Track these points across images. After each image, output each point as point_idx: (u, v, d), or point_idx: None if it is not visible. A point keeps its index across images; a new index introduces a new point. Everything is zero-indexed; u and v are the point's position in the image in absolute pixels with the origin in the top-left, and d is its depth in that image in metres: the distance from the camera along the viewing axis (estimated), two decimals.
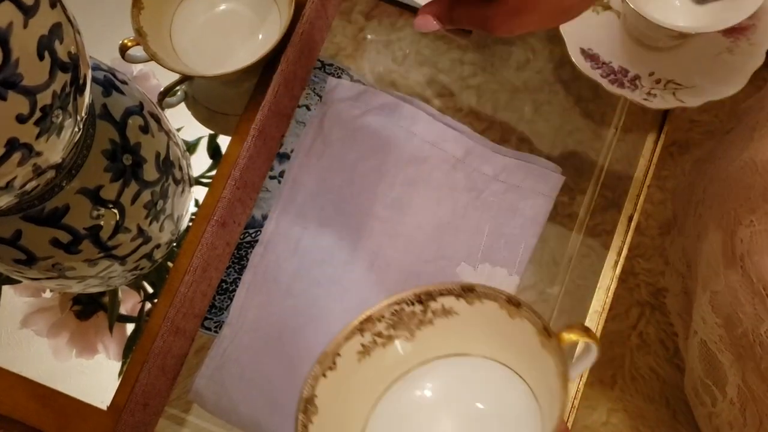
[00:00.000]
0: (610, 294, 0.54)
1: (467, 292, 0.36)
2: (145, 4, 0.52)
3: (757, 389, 0.45)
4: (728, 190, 0.48)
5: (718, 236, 0.48)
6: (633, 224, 0.56)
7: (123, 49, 0.52)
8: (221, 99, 0.60)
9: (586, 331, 0.33)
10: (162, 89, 0.56)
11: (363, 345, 0.36)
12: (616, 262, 0.55)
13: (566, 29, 0.60)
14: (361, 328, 0.36)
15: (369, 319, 0.36)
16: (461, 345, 0.38)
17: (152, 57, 0.51)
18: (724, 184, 0.49)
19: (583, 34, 0.61)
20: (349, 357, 0.36)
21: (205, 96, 0.60)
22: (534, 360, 0.34)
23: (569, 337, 0.33)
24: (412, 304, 0.36)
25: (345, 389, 0.36)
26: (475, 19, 0.39)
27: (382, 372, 0.37)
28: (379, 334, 0.36)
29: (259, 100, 0.51)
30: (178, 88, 0.57)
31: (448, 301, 0.36)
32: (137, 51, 0.53)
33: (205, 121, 0.60)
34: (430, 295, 0.36)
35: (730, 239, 0.46)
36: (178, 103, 0.59)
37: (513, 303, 0.35)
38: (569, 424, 0.52)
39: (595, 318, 0.54)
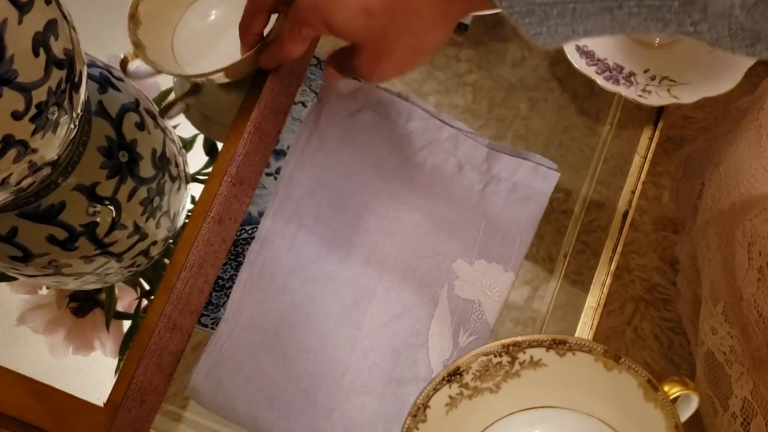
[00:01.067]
0: (605, 290, 0.55)
1: (558, 344, 0.35)
2: (142, 18, 0.51)
3: None
4: (740, 199, 0.48)
5: (731, 247, 0.48)
6: (628, 220, 0.57)
7: (123, 65, 0.52)
8: (223, 109, 0.60)
9: (686, 383, 0.34)
10: (162, 106, 0.56)
11: (451, 397, 0.36)
12: (611, 258, 0.55)
13: None
14: (448, 379, 0.36)
15: (456, 370, 0.36)
16: (549, 397, 0.37)
17: (153, 66, 0.50)
18: (735, 193, 0.49)
19: None
20: (438, 409, 0.36)
21: (207, 107, 0.60)
22: (633, 413, 0.33)
23: (671, 390, 0.33)
24: (500, 355, 0.36)
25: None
26: (352, 69, 0.43)
27: (470, 425, 0.37)
28: (466, 386, 0.36)
29: (256, 97, 0.51)
30: (177, 103, 0.57)
31: (537, 353, 0.35)
32: (138, 64, 0.52)
33: (206, 130, 0.60)
34: (519, 347, 0.36)
35: (748, 251, 0.45)
36: (177, 114, 0.59)
37: (610, 356, 0.34)
38: None
39: (590, 314, 0.54)
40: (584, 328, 0.53)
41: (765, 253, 0.44)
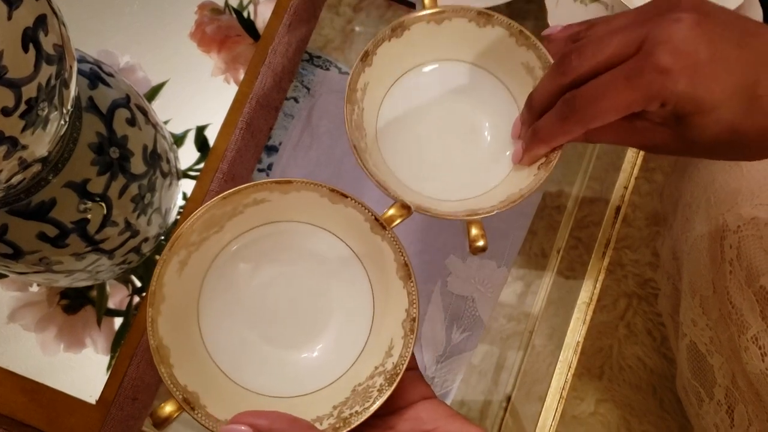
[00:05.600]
0: (598, 285, 0.55)
1: (283, 184, 0.36)
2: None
3: (747, 392, 0.45)
4: (715, 195, 0.49)
5: (706, 241, 0.48)
6: (620, 216, 0.57)
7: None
8: None
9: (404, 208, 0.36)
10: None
11: (180, 261, 0.36)
12: (604, 254, 0.56)
13: (555, 21, 0.60)
14: (176, 251, 0.36)
15: (183, 240, 0.36)
16: (273, 217, 0.38)
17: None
18: (710, 189, 0.50)
19: None
20: (171, 279, 0.36)
21: None
22: (361, 237, 0.36)
23: (392, 217, 0.36)
24: (223, 207, 0.36)
25: (177, 307, 0.36)
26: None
27: (200, 265, 0.37)
28: (192, 243, 0.36)
29: (247, 93, 0.51)
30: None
31: (261, 195, 0.37)
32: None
33: None
34: (241, 194, 0.36)
35: (720, 245, 0.46)
36: None
37: (337, 192, 0.36)
38: (557, 415, 0.53)
39: (583, 309, 0.54)
40: (577, 324, 0.53)
41: (735, 246, 0.45)
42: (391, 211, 0.36)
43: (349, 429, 0.32)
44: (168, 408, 0.33)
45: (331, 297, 0.37)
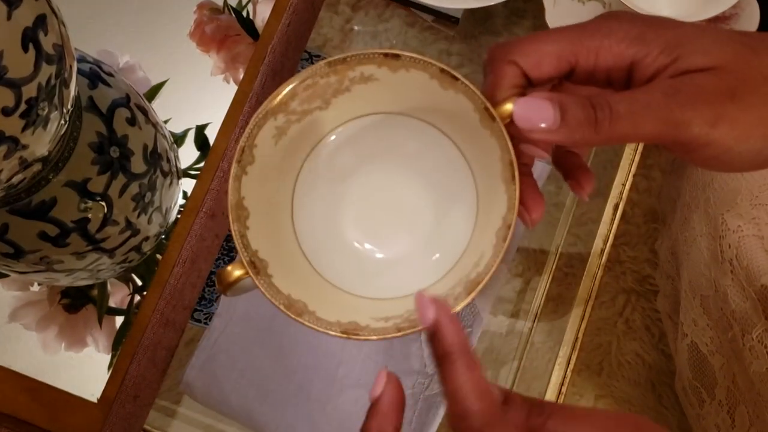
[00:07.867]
0: (597, 282, 0.55)
1: (390, 58, 0.32)
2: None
3: (748, 392, 0.46)
4: (714, 195, 0.49)
5: (706, 241, 0.49)
6: (619, 213, 0.57)
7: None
8: None
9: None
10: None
11: (277, 128, 0.33)
12: (602, 251, 0.56)
13: (552, 20, 0.60)
14: (273, 114, 0.33)
15: (281, 102, 0.33)
16: (382, 105, 0.34)
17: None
18: (709, 189, 0.50)
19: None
20: (265, 144, 0.33)
21: None
22: (470, 134, 0.32)
23: (506, 118, 0.30)
24: (327, 75, 0.33)
25: (267, 177, 0.33)
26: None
27: (303, 143, 0.35)
28: (293, 112, 0.33)
29: (246, 92, 0.51)
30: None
31: (368, 69, 0.33)
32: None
33: None
34: (347, 63, 0.32)
35: (719, 244, 0.46)
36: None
37: (447, 75, 0.31)
38: None
39: (582, 305, 0.54)
40: (576, 320, 0.54)
41: (734, 246, 0.45)
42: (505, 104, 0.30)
43: (413, 330, 0.30)
44: (235, 272, 0.30)
45: (433, 202, 0.35)
